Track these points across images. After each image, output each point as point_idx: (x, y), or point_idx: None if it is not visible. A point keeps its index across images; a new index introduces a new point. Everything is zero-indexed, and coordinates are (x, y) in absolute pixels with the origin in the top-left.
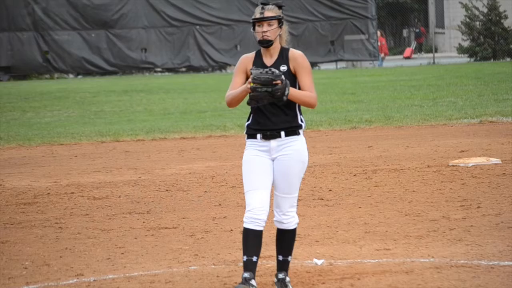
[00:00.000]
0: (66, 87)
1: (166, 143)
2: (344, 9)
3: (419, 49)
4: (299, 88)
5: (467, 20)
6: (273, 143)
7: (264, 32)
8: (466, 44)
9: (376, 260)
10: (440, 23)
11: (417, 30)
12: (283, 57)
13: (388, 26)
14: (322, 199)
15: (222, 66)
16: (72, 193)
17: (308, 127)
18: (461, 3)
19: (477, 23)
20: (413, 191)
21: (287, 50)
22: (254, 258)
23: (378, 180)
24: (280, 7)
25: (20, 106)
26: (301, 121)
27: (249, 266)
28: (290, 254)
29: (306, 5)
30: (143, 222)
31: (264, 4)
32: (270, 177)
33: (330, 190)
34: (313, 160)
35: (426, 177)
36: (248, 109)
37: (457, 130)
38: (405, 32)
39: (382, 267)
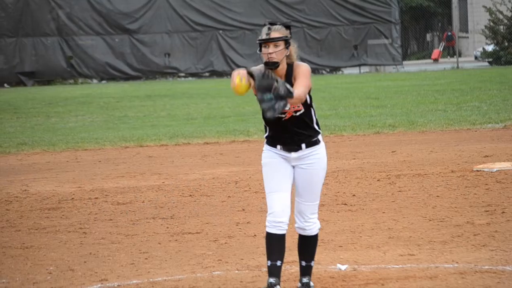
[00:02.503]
0: (90, 92)
1: (189, 148)
2: (368, 14)
3: (448, 52)
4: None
5: (491, 24)
6: (294, 154)
7: (270, 53)
8: (490, 48)
9: (400, 266)
10: (464, 28)
11: (449, 33)
12: (289, 76)
13: (411, 31)
14: (346, 204)
15: None
16: (96, 198)
17: (331, 132)
18: (485, 7)
19: (501, 27)
20: (437, 196)
21: (292, 66)
22: (278, 263)
23: (402, 185)
24: (287, 27)
25: (44, 111)
26: (318, 127)
27: (274, 271)
28: (313, 259)
29: (329, 10)
30: (167, 227)
31: (271, 24)
32: (290, 180)
33: (354, 195)
34: (336, 165)
35: (450, 182)
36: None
37: (481, 135)
38: (428, 36)
39: (406, 272)
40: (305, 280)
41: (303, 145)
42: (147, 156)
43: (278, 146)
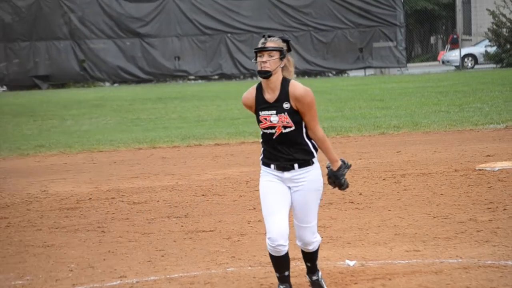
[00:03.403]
0: (103, 95)
1: (201, 150)
2: (373, 17)
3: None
4: (303, 122)
5: (494, 27)
6: (287, 174)
7: (263, 62)
8: (492, 50)
9: (406, 261)
10: (467, 30)
11: (454, 36)
12: (284, 92)
13: (416, 34)
14: (353, 203)
15: (254, 74)
16: (113, 198)
17: (337, 133)
18: (489, 10)
19: (504, 30)
20: (441, 194)
21: (288, 82)
22: (286, 273)
23: (407, 184)
24: (285, 40)
25: (59, 114)
26: (314, 148)
27: (283, 280)
28: (317, 260)
29: (335, 13)
30: (182, 226)
31: (269, 36)
32: (286, 201)
33: (361, 194)
34: None
35: (453, 181)
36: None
37: (483, 135)
38: (432, 39)
39: (412, 267)
40: (314, 278)
41: (296, 165)
42: (160, 157)
43: (272, 166)
